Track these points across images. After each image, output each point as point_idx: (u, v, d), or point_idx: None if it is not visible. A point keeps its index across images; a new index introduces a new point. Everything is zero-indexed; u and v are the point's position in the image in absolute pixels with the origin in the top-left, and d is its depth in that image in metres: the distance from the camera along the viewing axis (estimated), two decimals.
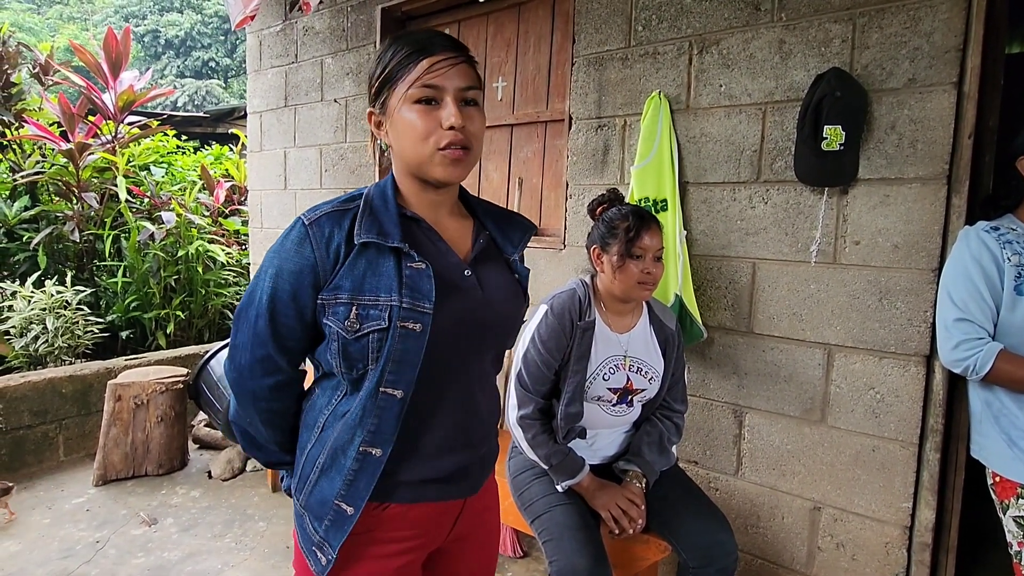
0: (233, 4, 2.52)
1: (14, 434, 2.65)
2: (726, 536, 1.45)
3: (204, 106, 15.29)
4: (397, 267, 0.83)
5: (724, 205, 1.87)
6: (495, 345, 0.96)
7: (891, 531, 1.64)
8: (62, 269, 3.59)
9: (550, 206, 2.43)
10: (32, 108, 3.93)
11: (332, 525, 0.84)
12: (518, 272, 0.99)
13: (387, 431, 0.83)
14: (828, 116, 1.58)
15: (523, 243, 1.00)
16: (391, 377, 0.82)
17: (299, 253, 0.82)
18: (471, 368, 0.91)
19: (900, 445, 1.61)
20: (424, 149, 0.82)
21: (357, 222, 0.83)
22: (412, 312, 0.81)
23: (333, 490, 0.84)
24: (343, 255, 0.83)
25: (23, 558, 2.06)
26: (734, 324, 1.87)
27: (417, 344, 0.82)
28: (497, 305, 0.91)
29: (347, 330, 0.82)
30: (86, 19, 21.60)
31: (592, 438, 1.57)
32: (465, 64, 0.84)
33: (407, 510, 0.88)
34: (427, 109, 0.82)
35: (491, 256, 0.96)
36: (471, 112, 0.84)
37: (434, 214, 0.91)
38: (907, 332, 1.59)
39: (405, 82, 0.82)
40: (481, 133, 0.87)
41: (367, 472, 0.83)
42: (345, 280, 0.82)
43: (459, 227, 0.95)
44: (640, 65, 2.01)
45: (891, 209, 1.59)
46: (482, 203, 1.01)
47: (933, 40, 1.51)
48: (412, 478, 0.87)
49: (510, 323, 0.96)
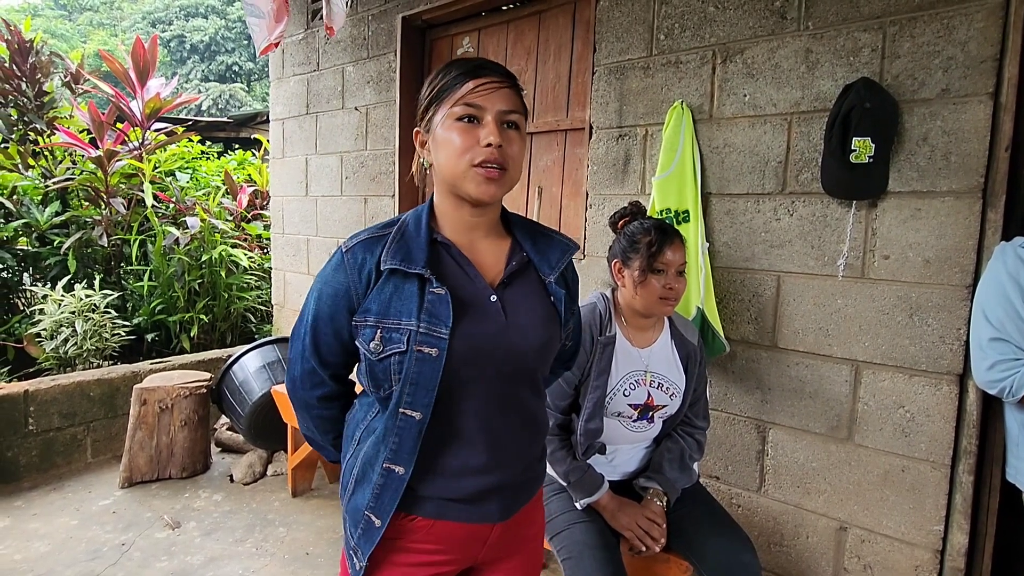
0: (258, 31, 2.59)
1: (44, 436, 2.72)
2: (749, 556, 1.42)
3: (228, 109, 15.58)
4: (420, 292, 0.85)
5: (748, 217, 1.83)
6: (524, 371, 0.92)
7: (922, 554, 1.59)
8: (91, 273, 3.68)
9: (570, 216, 2.42)
10: (63, 116, 4.03)
11: (363, 534, 0.89)
12: (554, 295, 0.96)
13: (407, 451, 0.86)
14: (857, 128, 1.54)
15: (561, 264, 0.97)
16: (408, 399, 0.85)
17: (335, 278, 0.89)
18: (497, 393, 0.90)
19: (931, 466, 1.57)
20: (460, 164, 0.84)
21: (386, 249, 0.87)
22: (428, 337, 0.83)
23: (364, 500, 0.89)
24: (373, 280, 0.87)
25: (52, 559, 2.11)
26: (757, 338, 1.84)
27: (433, 368, 0.83)
28: (523, 330, 0.90)
29: (372, 352, 0.86)
30: (115, 25, 22.16)
31: (612, 454, 1.55)
32: (509, 89, 0.87)
33: (432, 525, 0.90)
34: (468, 127, 0.84)
35: (526, 278, 0.95)
36: (511, 135, 0.86)
37: (469, 236, 0.92)
38: (939, 350, 1.54)
39: (450, 101, 0.85)
40: (520, 157, 0.88)
41: (391, 488, 0.87)
42: (373, 304, 0.87)
43: (495, 249, 0.94)
44: (662, 74, 1.99)
45: (923, 223, 1.55)
46: (522, 222, 0.99)
47: (968, 49, 1.47)
48: (434, 495, 0.90)
49: (538, 349, 0.92)
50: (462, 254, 0.90)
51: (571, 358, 1.20)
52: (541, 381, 0.99)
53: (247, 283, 4.13)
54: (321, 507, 2.53)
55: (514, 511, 0.95)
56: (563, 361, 1.18)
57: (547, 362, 0.97)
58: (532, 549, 1.04)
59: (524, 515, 0.99)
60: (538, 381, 0.97)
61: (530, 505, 1.00)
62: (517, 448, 0.94)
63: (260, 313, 4.29)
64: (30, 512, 2.42)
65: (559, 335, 0.96)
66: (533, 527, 1.02)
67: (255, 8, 2.56)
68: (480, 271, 0.91)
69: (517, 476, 0.94)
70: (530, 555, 1.04)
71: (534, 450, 0.98)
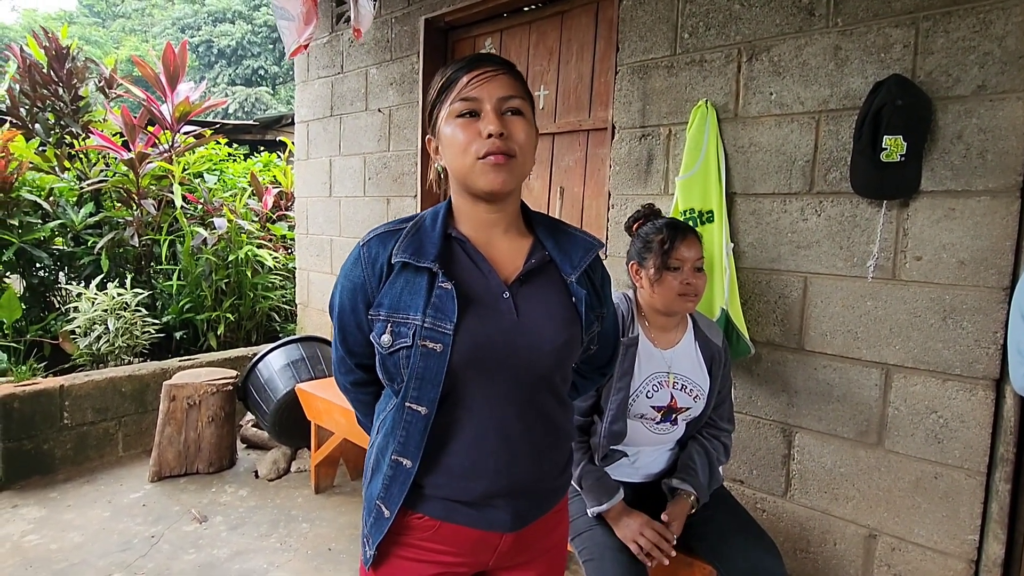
0: (288, 34, 2.64)
1: (78, 430, 2.81)
2: (774, 561, 1.40)
3: (253, 113, 15.89)
4: (429, 287, 0.85)
5: (774, 217, 1.81)
6: (539, 373, 0.88)
7: (955, 564, 1.54)
8: (123, 272, 3.78)
9: (592, 216, 2.41)
10: (97, 120, 4.16)
11: (375, 523, 0.89)
12: (575, 295, 0.91)
13: (413, 444, 0.86)
14: (888, 126, 1.51)
15: (584, 262, 0.92)
16: (414, 393, 0.84)
17: (353, 272, 0.90)
18: (509, 394, 0.87)
19: (966, 473, 1.52)
20: (466, 160, 0.83)
21: (399, 243, 0.87)
22: (433, 332, 0.82)
23: (377, 489, 0.89)
24: (385, 274, 0.87)
25: (86, 549, 2.17)
26: (783, 340, 1.81)
27: (438, 363, 0.82)
28: (536, 331, 0.86)
29: (383, 345, 0.86)
30: (146, 31, 22.78)
31: (635, 456, 1.54)
32: (505, 75, 0.85)
33: (439, 526, 0.89)
34: (468, 122, 0.83)
35: (547, 277, 0.91)
36: (513, 121, 0.84)
37: (487, 233, 0.91)
38: (974, 354, 1.49)
39: (448, 99, 0.85)
40: (528, 142, 0.85)
41: (399, 480, 0.87)
42: (386, 298, 0.87)
43: (514, 246, 0.92)
44: (686, 73, 1.97)
45: (957, 223, 1.50)
46: (543, 220, 0.96)
47: (1005, 44, 1.42)
48: (439, 495, 0.88)
49: (554, 351, 0.87)
50: (477, 251, 0.89)
51: (608, 364, 1.13)
52: (562, 385, 0.94)
53: (272, 283, 4.20)
54: (343, 504, 2.56)
55: (528, 521, 0.91)
56: (598, 367, 1.12)
57: (565, 366, 0.92)
58: (552, 559, 1.00)
59: (542, 525, 0.94)
60: (557, 385, 0.92)
61: (551, 515, 0.96)
62: (533, 455, 0.89)
63: (284, 312, 4.36)
64: (65, 503, 2.50)
65: (580, 337, 0.91)
66: (553, 537, 0.98)
67: (285, 11, 2.60)
68: (496, 268, 0.88)
69: (531, 485, 0.90)
70: (550, 565, 0.99)
71: (555, 459, 0.93)
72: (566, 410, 0.96)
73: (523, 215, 0.96)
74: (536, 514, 0.93)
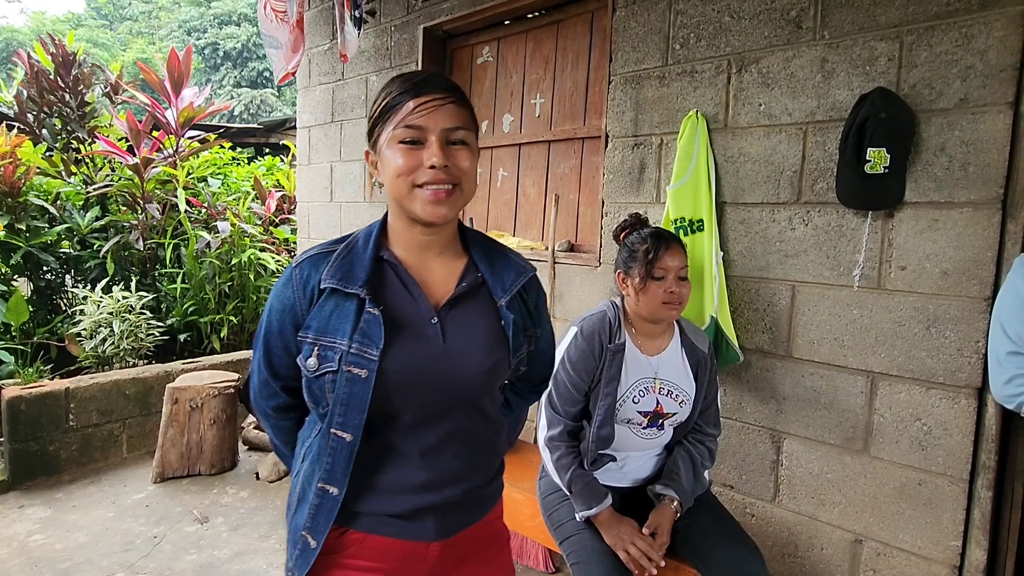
0: (276, 61, 2.75)
1: (84, 431, 2.86)
2: (758, 567, 1.43)
3: (259, 114, 15.99)
4: (357, 312, 0.84)
5: (763, 226, 1.83)
6: (466, 398, 0.88)
7: (939, 569, 1.57)
8: (128, 275, 3.84)
9: (586, 223, 2.44)
10: (103, 125, 4.22)
11: (300, 555, 0.87)
12: (504, 319, 0.90)
13: (339, 472, 0.84)
14: (872, 138, 1.54)
15: (515, 286, 0.92)
16: (339, 419, 0.83)
17: (283, 293, 0.89)
18: (435, 418, 0.87)
19: (949, 480, 1.55)
20: (404, 185, 0.82)
21: (329, 267, 0.86)
22: (359, 357, 0.81)
23: (302, 520, 0.87)
24: (315, 297, 0.86)
25: (90, 549, 2.22)
26: (772, 347, 1.84)
27: (363, 389, 0.82)
28: (462, 356, 0.86)
29: (309, 368, 0.85)
30: (153, 33, 22.95)
31: (623, 460, 1.57)
32: (454, 105, 0.83)
33: (364, 538, 0.88)
34: (411, 149, 0.82)
35: (478, 300, 0.91)
36: (457, 150, 0.83)
37: (420, 255, 0.90)
38: (957, 362, 1.52)
39: (392, 122, 0.83)
40: (472, 171, 0.85)
41: (326, 508, 0.85)
42: (314, 320, 0.85)
43: (447, 269, 0.91)
44: (677, 83, 2.00)
45: (940, 234, 1.53)
46: (480, 240, 0.95)
47: (987, 58, 1.45)
48: (367, 510, 0.88)
49: (479, 375, 0.87)
50: (408, 274, 0.88)
51: (543, 382, 1.12)
52: (490, 406, 0.94)
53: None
54: None
55: (454, 531, 0.91)
56: (533, 386, 1.11)
57: (492, 388, 0.92)
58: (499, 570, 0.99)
59: (474, 534, 0.94)
60: (485, 407, 0.92)
61: (484, 525, 0.96)
62: (458, 471, 0.90)
63: None
64: (70, 504, 2.56)
65: (507, 362, 0.91)
66: (493, 548, 0.97)
67: (274, 39, 2.71)
68: (427, 291, 0.88)
69: (457, 497, 0.90)
70: None
71: (480, 472, 0.94)
72: (492, 425, 0.96)
73: (460, 233, 0.95)
74: (465, 523, 0.93)
